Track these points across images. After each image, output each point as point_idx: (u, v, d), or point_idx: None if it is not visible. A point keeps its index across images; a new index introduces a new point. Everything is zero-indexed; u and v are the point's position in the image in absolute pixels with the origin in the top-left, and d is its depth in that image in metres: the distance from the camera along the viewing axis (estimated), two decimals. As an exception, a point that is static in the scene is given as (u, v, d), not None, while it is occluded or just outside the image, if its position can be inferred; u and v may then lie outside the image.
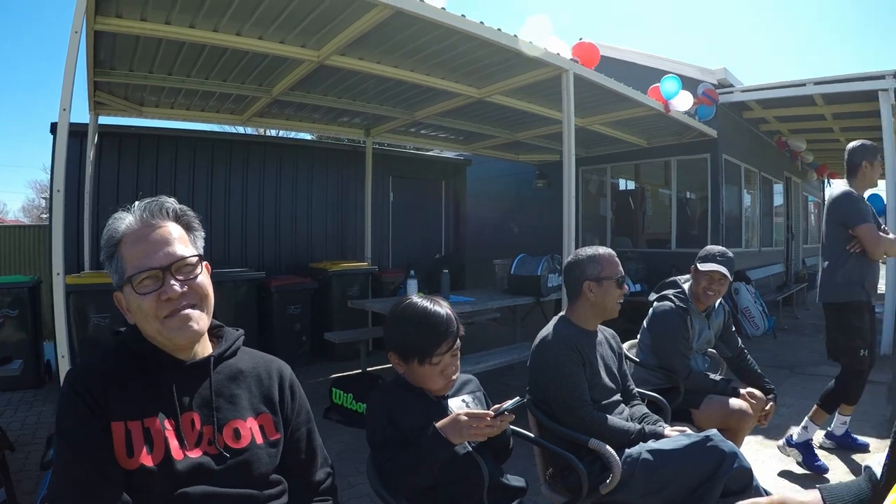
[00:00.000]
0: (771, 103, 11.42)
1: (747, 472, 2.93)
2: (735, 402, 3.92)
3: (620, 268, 3.33)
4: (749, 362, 4.43)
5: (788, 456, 4.93)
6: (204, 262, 1.74)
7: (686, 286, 4.37)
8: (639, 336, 4.49)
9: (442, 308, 2.34)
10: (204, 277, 1.73)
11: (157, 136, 8.94)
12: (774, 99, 11.00)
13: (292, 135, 14.46)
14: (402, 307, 2.38)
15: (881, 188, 9.56)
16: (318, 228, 10.42)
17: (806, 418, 4.93)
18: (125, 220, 1.70)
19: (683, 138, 11.29)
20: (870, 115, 10.64)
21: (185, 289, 1.66)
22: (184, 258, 1.68)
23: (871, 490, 1.01)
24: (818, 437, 5.03)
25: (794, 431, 4.95)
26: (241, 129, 10.63)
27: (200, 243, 1.80)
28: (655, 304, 4.36)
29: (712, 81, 10.96)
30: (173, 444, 1.57)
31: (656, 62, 11.54)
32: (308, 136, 12.30)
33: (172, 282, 1.64)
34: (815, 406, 4.99)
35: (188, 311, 1.67)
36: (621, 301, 3.31)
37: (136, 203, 1.71)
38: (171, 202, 1.75)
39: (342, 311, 8.51)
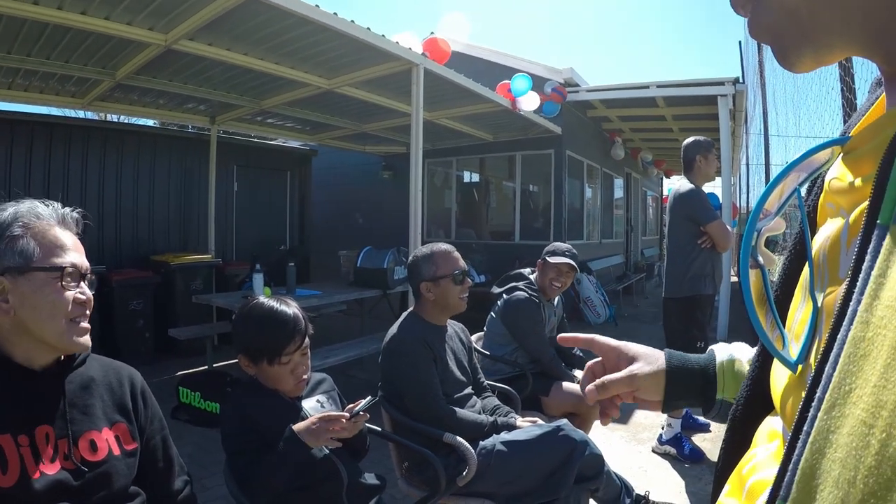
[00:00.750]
0: (615, 103, 11.92)
1: (598, 458, 3.10)
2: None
3: (460, 263, 3.35)
4: (576, 351, 4.64)
5: (665, 454, 5.10)
6: None
7: (532, 277, 4.52)
8: (486, 327, 4.58)
9: (289, 307, 2.34)
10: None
11: (-8, 117, 8.26)
12: (618, 99, 11.50)
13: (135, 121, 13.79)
14: (248, 308, 2.36)
15: (717, 185, 10.08)
16: (161, 219, 9.91)
17: (665, 417, 5.13)
18: (40, 209, 1.60)
19: (529, 134, 11.58)
20: (708, 118, 11.28)
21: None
22: (90, 270, 1.62)
23: (707, 365, 1.13)
24: (654, 444, 5.24)
25: (663, 432, 5.14)
26: (81, 114, 9.99)
27: None
28: (508, 295, 4.45)
29: (559, 80, 11.27)
30: (29, 461, 1.47)
31: (506, 59, 11.78)
32: (151, 123, 11.76)
33: (86, 287, 1.57)
34: None
35: (87, 322, 1.60)
36: (465, 296, 3.34)
37: (40, 202, 1.63)
38: (77, 214, 1.69)
39: (186, 306, 8.13)
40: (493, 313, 4.54)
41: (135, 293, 8.04)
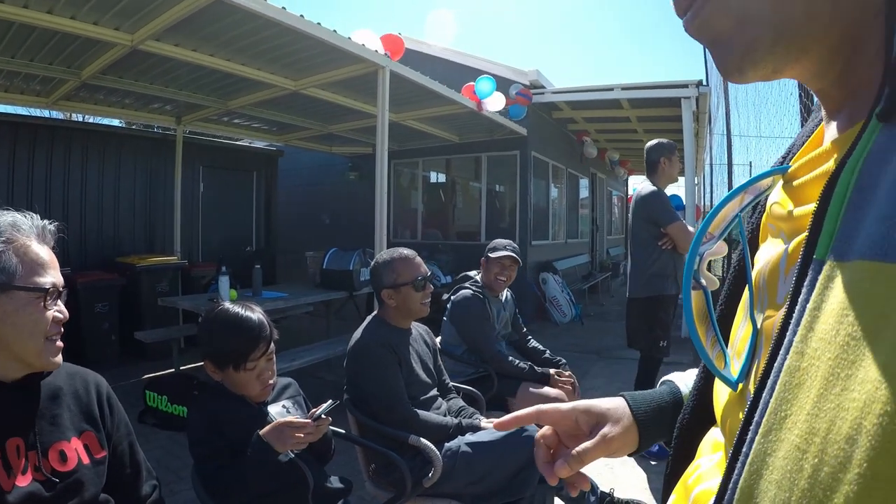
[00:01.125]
0: (580, 105, 11.98)
1: (563, 457, 3.09)
2: (551, 391, 4.12)
3: (421, 269, 3.36)
4: (531, 343, 4.74)
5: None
6: None
7: (478, 277, 4.57)
8: (441, 331, 4.59)
9: (254, 313, 2.35)
10: None
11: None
12: (583, 101, 11.57)
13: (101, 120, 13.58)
14: (213, 315, 2.36)
15: (681, 185, 10.19)
16: (126, 220, 9.75)
17: None
18: (20, 221, 1.59)
19: (494, 135, 11.61)
20: (672, 120, 11.43)
21: None
22: (64, 287, 1.62)
23: (670, 398, 1.10)
24: None
25: None
26: (47, 113, 9.84)
27: None
28: (453, 296, 4.51)
29: (524, 82, 11.31)
30: (1, 474, 1.47)
31: (472, 61, 11.80)
32: (117, 123, 11.60)
33: (62, 305, 1.58)
34: None
35: (61, 340, 1.61)
36: (427, 301, 3.36)
37: (20, 213, 1.62)
38: (54, 227, 1.68)
39: (152, 308, 7.99)
40: (444, 317, 4.58)
41: (100, 296, 7.93)
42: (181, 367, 6.99)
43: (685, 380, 1.14)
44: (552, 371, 4.34)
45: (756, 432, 0.48)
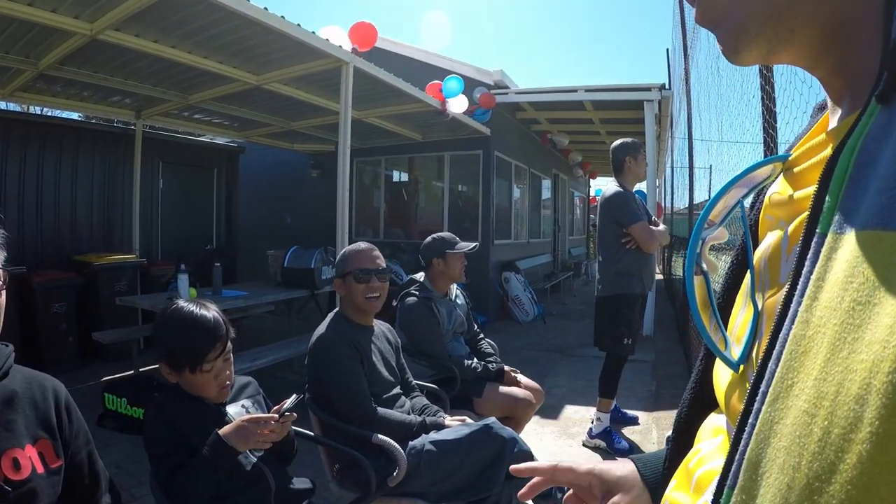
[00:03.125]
0: (543, 106, 12.14)
1: (528, 455, 3.14)
2: (518, 392, 4.12)
3: (364, 262, 3.34)
4: (481, 346, 4.71)
5: (596, 448, 5.24)
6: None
7: (421, 279, 4.57)
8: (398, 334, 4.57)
9: (209, 311, 2.29)
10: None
11: None
12: (547, 102, 11.69)
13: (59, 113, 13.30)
14: (167, 314, 2.30)
15: (642, 186, 10.35)
16: (84, 217, 9.49)
17: (595, 411, 5.32)
18: None
19: (458, 134, 11.62)
20: (635, 122, 11.61)
21: None
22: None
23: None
24: (584, 438, 5.40)
25: (593, 426, 5.32)
26: (2, 105, 9.58)
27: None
28: (399, 303, 4.49)
29: (489, 82, 11.38)
30: None
31: (437, 60, 11.85)
32: (75, 116, 11.37)
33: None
34: (598, 399, 5.33)
35: None
36: (372, 296, 3.33)
37: None
38: None
39: (111, 308, 7.82)
40: (396, 324, 4.54)
41: (57, 295, 7.70)
42: (141, 369, 6.89)
43: None
44: (508, 368, 4.37)
45: (763, 402, 0.49)
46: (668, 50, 14.83)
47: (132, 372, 6.87)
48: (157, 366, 2.32)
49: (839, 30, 0.58)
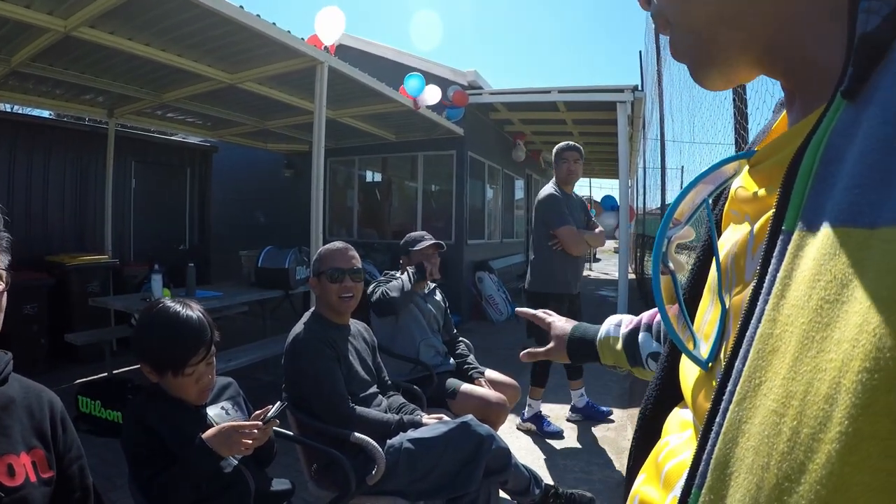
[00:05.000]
0: (517, 106, 12.18)
1: (505, 451, 3.17)
2: (491, 394, 4.15)
3: (340, 263, 3.36)
4: (458, 349, 4.80)
5: (528, 430, 5.60)
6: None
7: (398, 274, 4.64)
8: (374, 330, 4.59)
9: (194, 312, 2.27)
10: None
11: None
12: (520, 103, 11.75)
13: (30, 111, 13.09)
14: (151, 314, 2.28)
15: (614, 187, 10.49)
16: (55, 217, 9.33)
17: (528, 398, 5.60)
18: None
19: (431, 134, 11.63)
20: (607, 123, 11.64)
21: None
22: None
23: (592, 332, 1.47)
24: (523, 424, 5.71)
25: (525, 410, 5.65)
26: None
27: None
28: (371, 297, 4.50)
29: (463, 82, 11.39)
30: None
31: (411, 60, 11.85)
32: (47, 114, 11.20)
33: None
34: (530, 387, 5.62)
35: None
36: (345, 295, 3.34)
37: None
38: None
39: (83, 309, 7.71)
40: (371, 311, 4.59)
41: (28, 296, 7.53)
42: (114, 371, 6.83)
43: (607, 327, 1.58)
44: (488, 373, 4.59)
45: (730, 402, 0.49)
46: (640, 52, 14.94)
47: (106, 374, 6.81)
48: (131, 368, 2.30)
49: (781, 46, 0.60)
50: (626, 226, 10.81)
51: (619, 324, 1.55)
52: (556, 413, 6.04)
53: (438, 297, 4.86)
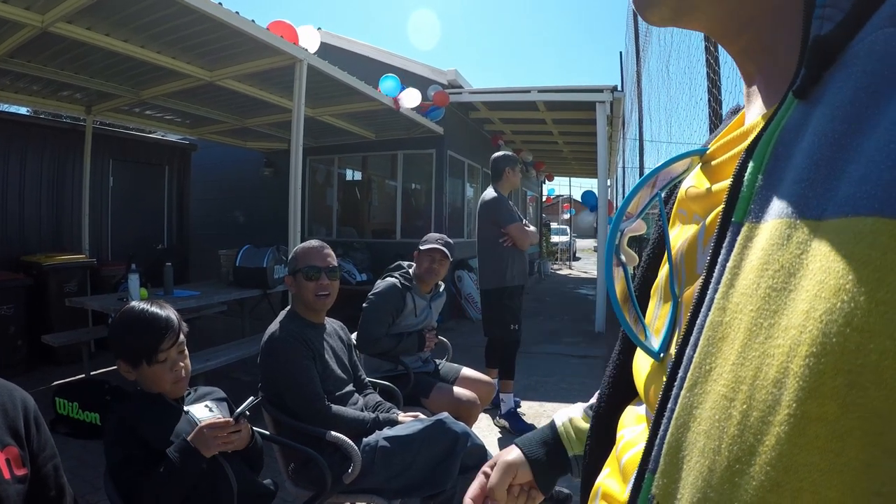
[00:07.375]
0: (497, 106, 12.26)
1: (481, 448, 3.18)
2: (463, 393, 4.18)
3: (316, 261, 3.37)
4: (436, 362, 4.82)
5: (503, 427, 5.69)
6: None
7: (411, 270, 4.63)
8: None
9: (161, 308, 2.33)
10: None
11: None
12: (500, 102, 11.82)
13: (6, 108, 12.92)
14: (122, 313, 2.34)
15: (594, 185, 10.54)
16: (32, 216, 9.16)
17: (499, 395, 5.69)
18: None
19: (411, 133, 11.64)
20: (587, 123, 11.75)
21: None
22: None
23: (552, 433, 1.21)
24: (499, 420, 5.81)
25: (501, 407, 5.73)
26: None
27: None
28: (379, 280, 4.56)
29: (443, 81, 11.43)
30: None
31: (392, 59, 11.87)
32: (24, 111, 11.05)
33: None
34: (500, 382, 5.77)
35: None
36: (322, 293, 3.35)
37: None
38: None
39: (60, 310, 7.57)
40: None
41: (4, 297, 7.44)
42: (92, 372, 6.78)
43: (567, 414, 1.24)
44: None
45: (681, 388, 0.50)
46: (621, 53, 15.01)
47: (83, 375, 6.75)
48: (109, 369, 2.32)
49: (753, 18, 0.61)
50: (605, 224, 10.85)
51: (576, 408, 1.25)
52: (536, 410, 6.09)
53: (444, 297, 4.93)
